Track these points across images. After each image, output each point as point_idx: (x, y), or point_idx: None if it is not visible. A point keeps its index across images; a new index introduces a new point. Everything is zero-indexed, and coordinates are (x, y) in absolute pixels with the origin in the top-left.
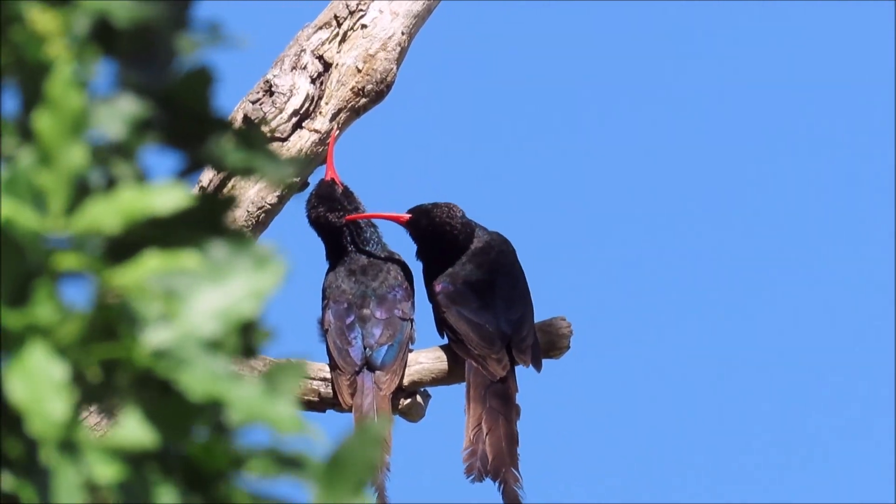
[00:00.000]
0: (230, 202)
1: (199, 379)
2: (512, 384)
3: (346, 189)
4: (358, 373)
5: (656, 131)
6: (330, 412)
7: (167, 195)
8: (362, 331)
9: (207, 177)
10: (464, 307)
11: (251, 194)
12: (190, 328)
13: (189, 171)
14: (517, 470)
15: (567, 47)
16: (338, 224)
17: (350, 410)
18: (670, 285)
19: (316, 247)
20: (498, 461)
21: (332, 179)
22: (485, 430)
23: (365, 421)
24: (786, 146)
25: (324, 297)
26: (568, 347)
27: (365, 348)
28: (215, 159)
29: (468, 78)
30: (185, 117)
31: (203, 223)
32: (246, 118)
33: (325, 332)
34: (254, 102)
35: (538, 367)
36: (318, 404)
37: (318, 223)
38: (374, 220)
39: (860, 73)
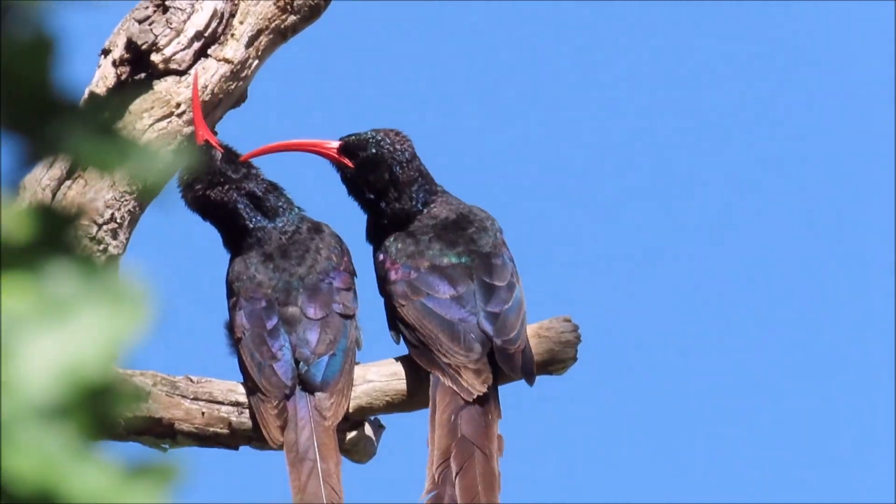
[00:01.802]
0: (77, 215)
1: (28, 462)
2: (494, 406)
3: (228, 151)
4: (288, 396)
5: (669, 117)
6: (245, 449)
7: None
8: (290, 337)
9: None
10: (430, 299)
11: None
12: (17, 391)
13: (25, 163)
14: None
15: None
16: (226, 200)
17: (280, 449)
18: (689, 283)
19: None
20: None
21: (207, 142)
22: (454, 468)
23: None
24: (803, 149)
25: (230, 294)
26: (574, 359)
27: (297, 362)
28: (59, 148)
29: None
30: (20, 95)
31: (40, 244)
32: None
33: (236, 342)
34: (141, 22)
35: (530, 379)
36: (227, 438)
37: (198, 205)
38: (277, 183)
39: (861, 72)
